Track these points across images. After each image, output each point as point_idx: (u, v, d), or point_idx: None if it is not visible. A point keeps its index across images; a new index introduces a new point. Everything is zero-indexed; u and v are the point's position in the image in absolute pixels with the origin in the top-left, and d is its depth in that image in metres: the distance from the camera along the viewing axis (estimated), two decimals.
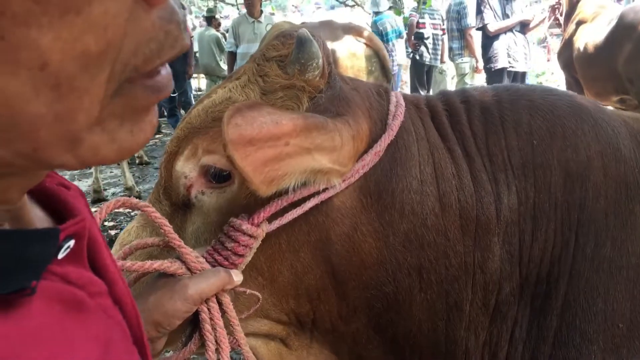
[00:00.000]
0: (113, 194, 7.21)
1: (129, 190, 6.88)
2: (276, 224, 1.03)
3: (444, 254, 1.10)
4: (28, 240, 0.44)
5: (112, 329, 0.53)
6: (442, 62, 9.23)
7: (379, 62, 4.50)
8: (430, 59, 9.00)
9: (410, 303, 1.12)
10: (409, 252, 1.09)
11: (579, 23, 6.32)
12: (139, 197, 6.80)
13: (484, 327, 1.13)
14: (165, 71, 0.47)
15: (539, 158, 1.12)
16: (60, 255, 0.48)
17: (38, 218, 0.55)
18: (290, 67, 1.05)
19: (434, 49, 8.99)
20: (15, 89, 0.35)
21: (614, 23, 5.58)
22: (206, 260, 1.01)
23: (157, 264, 0.96)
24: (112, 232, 5.52)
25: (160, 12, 0.43)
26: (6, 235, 0.43)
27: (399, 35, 8.98)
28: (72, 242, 0.49)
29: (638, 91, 5.30)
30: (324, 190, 1.04)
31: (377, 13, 8.93)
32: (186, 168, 1.09)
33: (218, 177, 1.07)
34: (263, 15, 7.98)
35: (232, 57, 7.91)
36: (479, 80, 8.31)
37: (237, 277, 1.00)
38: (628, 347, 1.06)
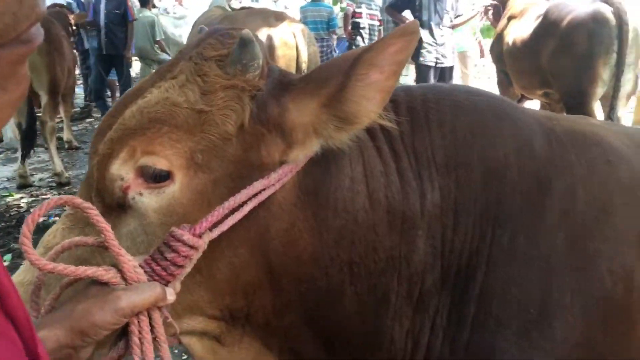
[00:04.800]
0: (40, 179, 6.97)
1: (57, 175, 6.66)
2: (217, 231, 1.03)
3: (373, 249, 1.15)
4: None
5: None
6: None
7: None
8: None
9: (341, 296, 1.16)
10: (341, 247, 1.14)
11: (510, 18, 6.57)
12: (68, 183, 6.61)
13: (408, 316, 1.20)
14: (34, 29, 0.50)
15: (461, 156, 1.19)
16: None
17: None
18: (231, 67, 1.06)
19: (370, 39, 9.12)
20: None
21: (540, 19, 5.84)
22: (144, 270, 0.99)
23: (91, 271, 0.94)
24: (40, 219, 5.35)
25: None
26: None
27: (327, 28, 8.92)
28: None
29: (560, 86, 5.58)
30: (262, 191, 1.06)
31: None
32: (122, 171, 1.07)
33: (157, 177, 1.06)
34: None
35: None
36: (413, 71, 8.51)
37: (171, 296, 1.00)
38: (539, 331, 1.15)
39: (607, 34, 5.17)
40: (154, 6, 11.14)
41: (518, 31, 6.18)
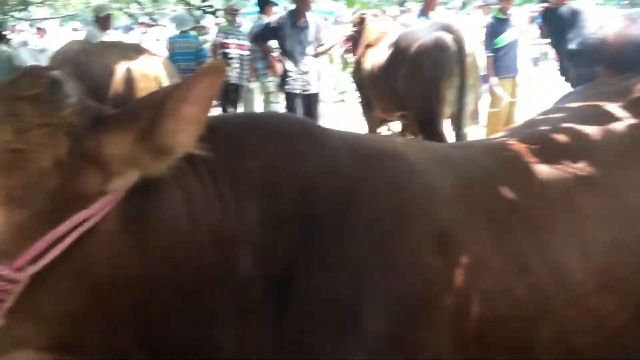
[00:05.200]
0: None
1: None
2: (40, 263, 1.06)
3: (198, 267, 1.24)
4: None
5: None
6: (249, 81, 9.56)
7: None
8: (237, 78, 9.25)
9: (169, 315, 1.23)
10: (166, 268, 1.21)
11: (367, 46, 7.03)
12: None
13: (236, 327, 1.29)
14: None
15: (277, 176, 1.32)
16: None
17: None
18: (44, 106, 1.11)
19: (241, 68, 9.26)
20: None
21: (392, 47, 6.30)
22: None
23: None
24: None
25: None
26: None
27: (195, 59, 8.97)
28: None
29: (413, 108, 6.04)
30: (84, 222, 1.10)
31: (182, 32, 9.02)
32: None
33: None
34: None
35: None
36: (283, 98, 8.78)
37: None
38: (352, 328, 1.29)
39: (448, 59, 5.70)
40: (8, 41, 10.52)
41: (374, 58, 6.63)
